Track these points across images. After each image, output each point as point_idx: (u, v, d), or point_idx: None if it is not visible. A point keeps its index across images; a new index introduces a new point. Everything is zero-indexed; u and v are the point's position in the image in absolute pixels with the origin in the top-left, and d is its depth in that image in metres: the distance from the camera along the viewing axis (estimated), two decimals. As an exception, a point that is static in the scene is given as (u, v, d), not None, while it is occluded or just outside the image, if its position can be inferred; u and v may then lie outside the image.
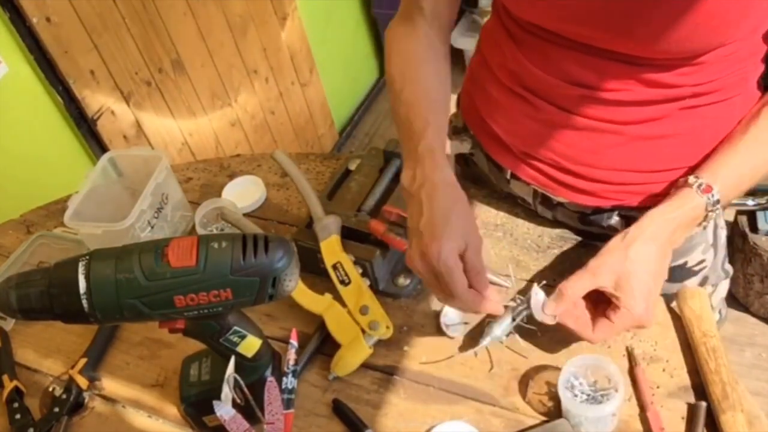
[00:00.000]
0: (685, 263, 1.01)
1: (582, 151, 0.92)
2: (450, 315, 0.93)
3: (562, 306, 0.83)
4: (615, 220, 0.98)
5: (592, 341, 0.83)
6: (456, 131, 1.14)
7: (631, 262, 0.80)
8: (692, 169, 0.88)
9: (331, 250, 0.96)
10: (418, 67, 0.95)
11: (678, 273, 1.01)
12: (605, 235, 1.00)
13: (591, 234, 1.02)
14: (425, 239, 0.79)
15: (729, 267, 1.09)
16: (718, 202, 0.82)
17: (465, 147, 1.13)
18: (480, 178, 1.14)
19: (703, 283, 1.05)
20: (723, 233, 1.05)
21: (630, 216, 0.97)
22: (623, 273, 0.80)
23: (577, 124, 0.90)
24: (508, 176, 1.04)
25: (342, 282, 0.94)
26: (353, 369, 0.90)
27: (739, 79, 0.86)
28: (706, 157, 0.88)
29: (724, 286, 1.11)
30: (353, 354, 0.90)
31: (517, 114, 0.96)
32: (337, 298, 0.94)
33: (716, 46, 0.79)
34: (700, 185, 0.82)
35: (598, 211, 0.99)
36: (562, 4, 0.82)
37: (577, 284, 0.82)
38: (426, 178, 0.82)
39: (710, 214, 0.83)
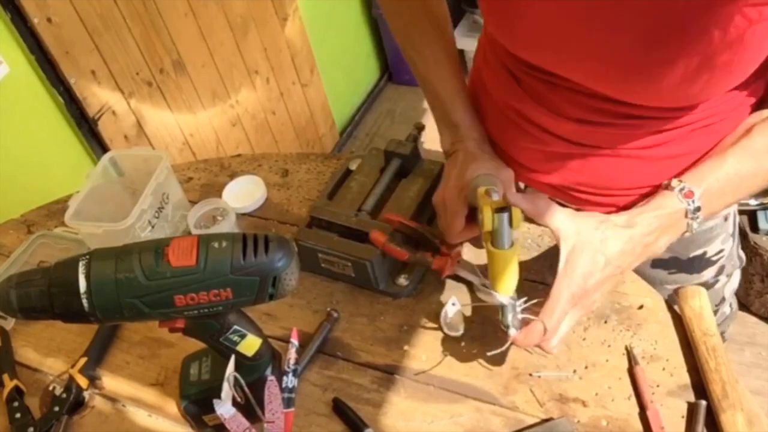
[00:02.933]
0: (705, 253, 1.01)
1: (591, 176, 0.92)
2: (450, 314, 0.93)
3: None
4: None
5: (545, 323, 0.79)
6: None
7: (587, 234, 0.80)
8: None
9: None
10: (422, 40, 0.98)
11: (698, 263, 1.02)
12: None
13: None
14: (448, 183, 0.90)
15: (742, 254, 1.10)
16: (698, 209, 0.80)
17: None
18: None
19: (719, 273, 1.05)
20: (737, 220, 1.05)
21: None
22: (578, 243, 0.79)
23: (583, 153, 0.90)
24: (522, 186, 1.06)
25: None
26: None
27: (751, 100, 0.85)
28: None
29: (737, 277, 1.11)
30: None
31: (521, 143, 0.96)
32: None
33: (719, 94, 0.79)
34: (682, 189, 0.80)
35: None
36: (560, 57, 0.81)
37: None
38: (460, 144, 0.94)
39: (691, 222, 0.81)
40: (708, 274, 1.04)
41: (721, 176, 0.81)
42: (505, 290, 0.80)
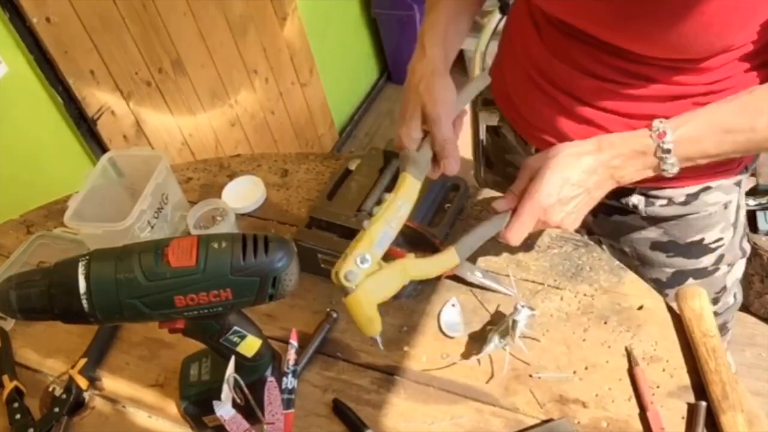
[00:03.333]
0: (702, 240, 1.01)
1: None
2: (450, 315, 0.93)
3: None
4: (635, 198, 0.99)
5: (505, 237, 0.82)
6: (485, 103, 1.17)
7: (554, 158, 0.82)
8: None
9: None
10: None
11: (695, 249, 1.02)
12: (624, 209, 1.01)
13: (612, 207, 1.03)
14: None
15: (747, 245, 1.10)
16: (668, 151, 0.81)
17: (493, 119, 1.16)
18: (508, 149, 1.17)
19: (718, 261, 1.05)
20: (743, 213, 1.06)
21: (649, 194, 0.98)
22: (543, 164, 0.82)
23: (590, 115, 0.92)
24: (533, 151, 1.06)
25: None
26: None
27: (750, 77, 0.86)
28: None
29: (740, 267, 1.11)
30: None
31: (535, 101, 0.98)
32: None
33: (721, 50, 0.80)
34: (657, 129, 0.81)
35: (619, 188, 0.99)
36: (578, 3, 0.84)
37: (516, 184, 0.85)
38: (414, 57, 0.92)
39: (662, 161, 0.81)
40: (707, 260, 1.05)
41: (702, 123, 0.82)
42: (368, 332, 0.79)
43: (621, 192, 1.00)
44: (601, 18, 0.83)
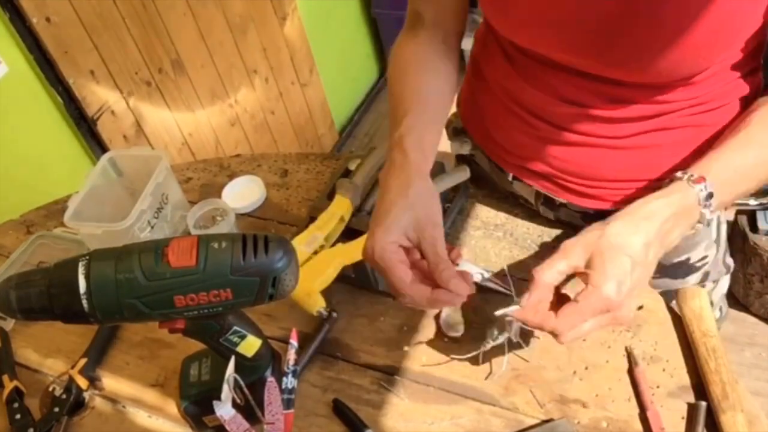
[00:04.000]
0: (688, 259, 1.01)
1: (578, 166, 0.93)
2: (449, 315, 0.93)
3: (536, 293, 0.73)
4: None
5: (556, 332, 0.72)
6: (456, 132, 1.15)
7: (608, 239, 0.71)
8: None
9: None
10: (411, 65, 0.93)
11: (680, 269, 1.02)
12: None
13: None
14: (370, 234, 0.75)
15: (730, 261, 1.10)
16: (711, 195, 0.75)
17: (465, 148, 1.13)
18: (482, 178, 1.14)
19: (704, 279, 1.05)
20: (724, 228, 1.06)
21: None
22: (597, 249, 0.71)
23: (571, 140, 0.91)
24: (510, 178, 1.04)
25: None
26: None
27: (733, 88, 0.86)
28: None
29: (725, 283, 1.11)
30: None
31: (512, 129, 0.97)
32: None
33: (706, 69, 0.80)
34: (690, 176, 0.75)
35: (601, 211, 0.99)
36: (552, 33, 0.82)
37: (550, 266, 0.73)
38: (390, 164, 0.80)
39: (705, 210, 0.75)
40: (692, 279, 1.04)
41: (729, 164, 0.78)
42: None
43: (604, 214, 0.99)
44: (583, 49, 0.81)
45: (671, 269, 1.02)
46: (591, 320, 0.71)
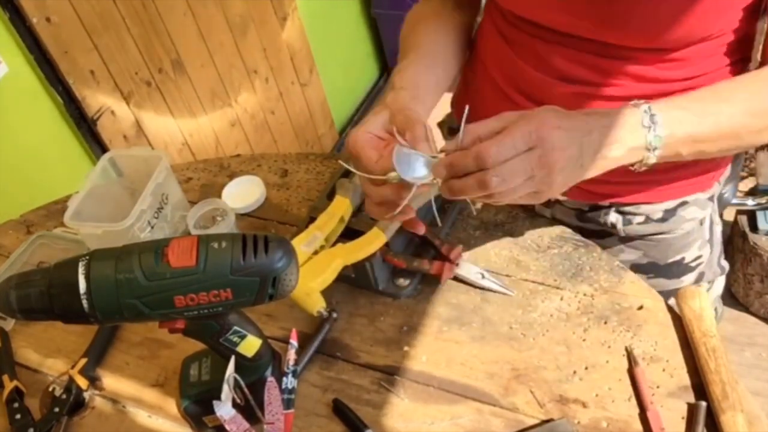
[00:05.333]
0: (683, 259, 1.02)
1: None
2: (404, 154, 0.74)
3: (465, 137, 0.68)
4: (613, 216, 0.99)
5: (483, 158, 0.65)
6: (451, 132, 1.15)
7: (543, 115, 0.68)
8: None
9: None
10: (418, 25, 0.96)
11: (676, 269, 1.02)
12: (603, 231, 1.01)
13: (589, 231, 1.03)
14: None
15: (725, 263, 1.10)
16: (655, 121, 0.72)
17: None
18: None
19: (699, 279, 1.05)
20: (718, 229, 1.06)
21: (626, 212, 0.98)
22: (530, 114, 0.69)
23: None
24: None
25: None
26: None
27: (724, 72, 0.87)
28: None
29: (720, 284, 1.11)
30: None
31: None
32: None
33: (700, 38, 0.80)
34: (637, 102, 0.74)
35: (595, 207, 1.00)
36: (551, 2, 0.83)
37: (485, 123, 0.69)
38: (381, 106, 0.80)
39: (649, 134, 0.72)
40: (687, 279, 1.05)
41: (681, 102, 0.76)
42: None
43: (598, 211, 1.00)
44: (579, 9, 0.82)
45: (666, 269, 1.02)
46: (519, 158, 0.66)
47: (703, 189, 0.98)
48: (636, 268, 1.03)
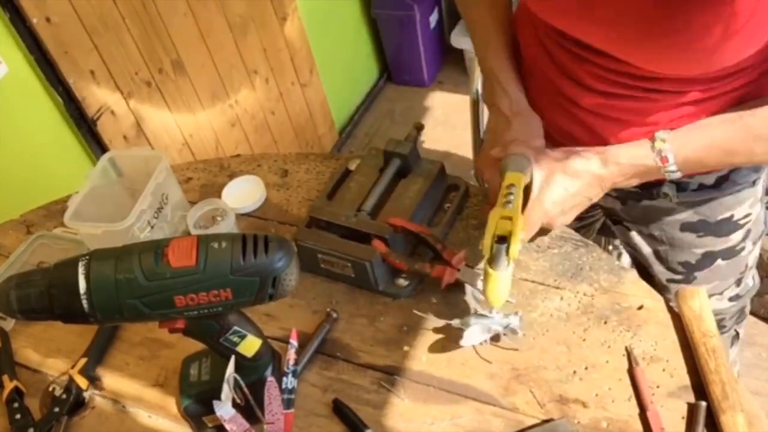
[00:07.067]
0: (732, 216, 1.02)
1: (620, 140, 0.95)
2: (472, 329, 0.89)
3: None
4: (666, 187, 1.00)
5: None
6: None
7: (561, 167, 0.88)
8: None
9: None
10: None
11: (725, 226, 1.03)
12: (653, 194, 1.02)
13: (640, 194, 1.05)
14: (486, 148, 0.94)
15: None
16: (672, 172, 0.87)
17: None
18: None
19: (745, 238, 1.06)
20: (765, 185, 1.07)
21: (680, 181, 0.98)
22: (550, 171, 0.88)
23: (603, 127, 0.94)
24: None
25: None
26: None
27: (761, 83, 0.86)
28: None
29: (759, 246, 1.13)
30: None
31: (550, 110, 0.99)
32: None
33: (737, 62, 0.80)
34: (660, 152, 0.86)
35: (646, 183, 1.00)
36: (595, 24, 0.84)
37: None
38: (492, 92, 0.97)
39: (665, 175, 0.88)
40: (735, 237, 1.05)
41: (705, 144, 0.86)
42: (495, 303, 0.86)
43: (650, 184, 1.00)
44: (620, 40, 0.82)
45: (715, 226, 1.03)
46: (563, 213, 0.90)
47: None
48: (686, 226, 1.04)
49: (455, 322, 0.90)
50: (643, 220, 1.08)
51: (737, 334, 1.27)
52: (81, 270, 0.68)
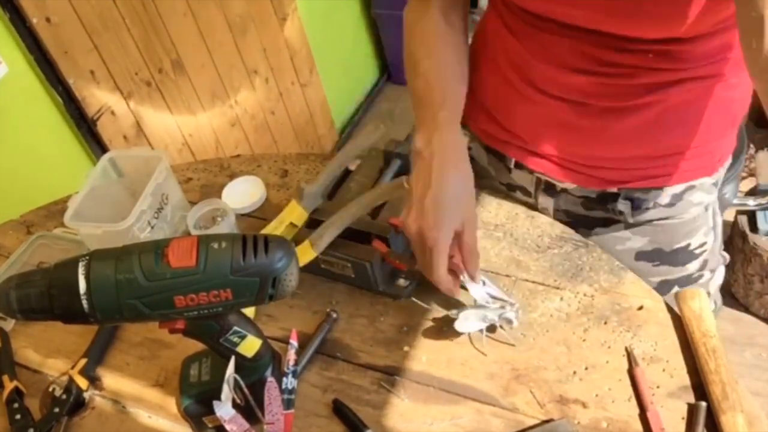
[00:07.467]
0: (688, 245, 1.02)
1: (586, 141, 0.94)
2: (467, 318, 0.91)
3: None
4: (622, 204, 0.99)
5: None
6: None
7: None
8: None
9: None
10: (435, 42, 0.96)
11: (681, 256, 1.03)
12: (609, 219, 1.01)
13: (594, 220, 1.03)
14: (428, 220, 0.83)
15: (725, 254, 1.11)
16: None
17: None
18: (478, 174, 1.14)
19: (703, 267, 1.06)
20: (719, 218, 1.07)
21: (635, 198, 0.98)
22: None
23: (580, 114, 0.92)
24: (511, 165, 1.05)
25: None
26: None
27: (734, 64, 0.87)
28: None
29: (721, 273, 1.12)
30: None
31: (517, 109, 0.98)
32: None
33: (712, 25, 0.80)
34: None
35: (603, 195, 1.00)
36: None
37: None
38: (443, 146, 0.86)
39: None
40: (692, 267, 1.05)
41: None
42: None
43: (606, 198, 1.00)
44: (597, 7, 0.82)
45: (671, 255, 1.03)
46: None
47: (710, 173, 0.98)
48: (641, 255, 1.03)
49: (452, 312, 0.91)
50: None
51: None
52: (81, 270, 0.68)
